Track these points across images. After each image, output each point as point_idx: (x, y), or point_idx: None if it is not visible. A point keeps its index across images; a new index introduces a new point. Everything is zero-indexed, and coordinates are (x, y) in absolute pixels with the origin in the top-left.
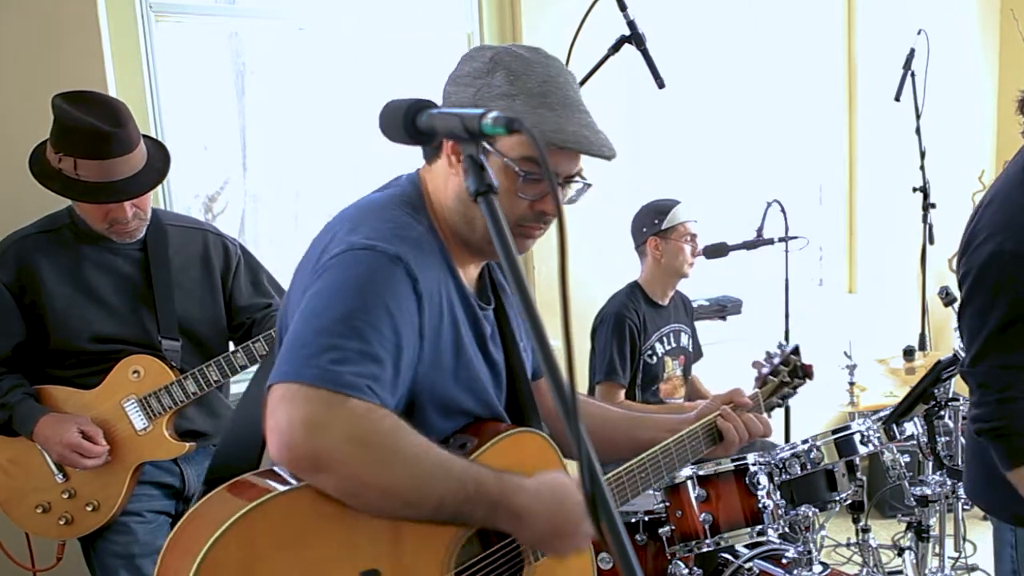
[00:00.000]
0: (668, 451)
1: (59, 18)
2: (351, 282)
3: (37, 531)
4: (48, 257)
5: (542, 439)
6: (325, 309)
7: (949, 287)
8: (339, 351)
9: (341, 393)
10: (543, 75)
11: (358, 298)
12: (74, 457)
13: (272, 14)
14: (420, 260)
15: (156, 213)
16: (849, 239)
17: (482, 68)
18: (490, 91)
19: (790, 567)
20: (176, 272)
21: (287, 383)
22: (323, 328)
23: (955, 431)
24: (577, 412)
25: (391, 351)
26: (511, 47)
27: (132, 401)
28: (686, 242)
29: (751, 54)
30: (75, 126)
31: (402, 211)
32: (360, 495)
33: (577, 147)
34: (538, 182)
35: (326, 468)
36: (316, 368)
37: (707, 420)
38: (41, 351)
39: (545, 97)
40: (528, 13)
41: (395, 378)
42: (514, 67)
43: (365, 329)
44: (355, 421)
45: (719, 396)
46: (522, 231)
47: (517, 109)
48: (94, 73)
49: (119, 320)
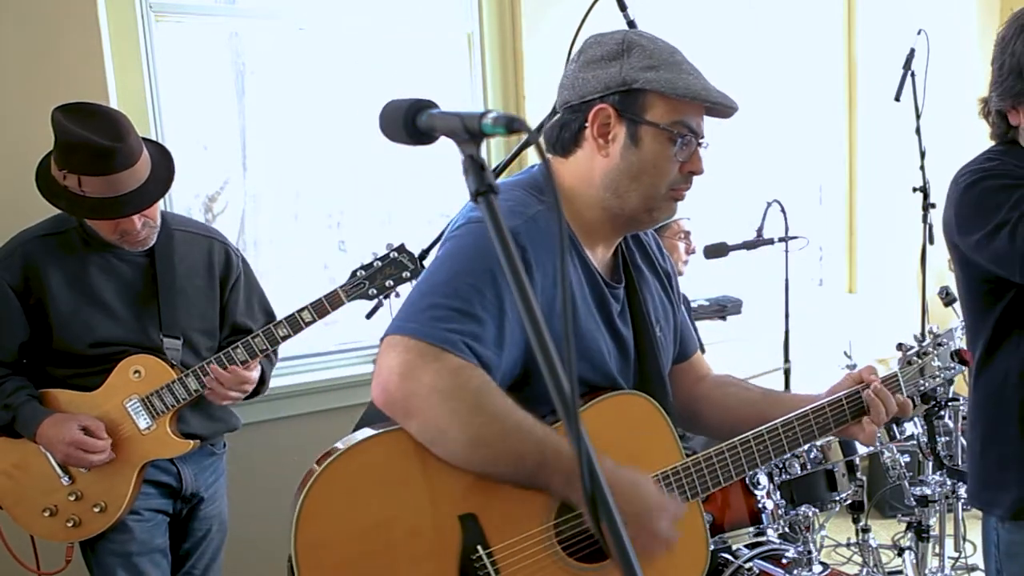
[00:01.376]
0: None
1: (59, 18)
2: (462, 251)
3: (45, 535)
4: (54, 261)
5: (650, 404)
6: (435, 274)
7: (949, 287)
8: (440, 309)
9: (437, 346)
10: (668, 49)
11: (465, 264)
12: (79, 454)
13: (272, 14)
14: (534, 231)
15: (164, 217)
16: (849, 239)
17: (616, 50)
18: (633, 66)
19: (790, 567)
20: (180, 278)
21: (393, 335)
22: (429, 290)
23: (955, 431)
24: (577, 412)
25: (493, 313)
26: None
27: (135, 400)
28: (679, 240)
29: (751, 54)
30: (77, 143)
31: (526, 192)
32: (439, 443)
33: (722, 100)
34: (689, 143)
35: (412, 413)
36: (417, 323)
37: (852, 391)
38: (43, 351)
39: (680, 65)
40: (528, 13)
41: (499, 337)
42: (643, 44)
43: (467, 291)
44: (444, 374)
45: (851, 375)
46: (672, 194)
47: (665, 77)
48: (94, 73)
49: (122, 325)
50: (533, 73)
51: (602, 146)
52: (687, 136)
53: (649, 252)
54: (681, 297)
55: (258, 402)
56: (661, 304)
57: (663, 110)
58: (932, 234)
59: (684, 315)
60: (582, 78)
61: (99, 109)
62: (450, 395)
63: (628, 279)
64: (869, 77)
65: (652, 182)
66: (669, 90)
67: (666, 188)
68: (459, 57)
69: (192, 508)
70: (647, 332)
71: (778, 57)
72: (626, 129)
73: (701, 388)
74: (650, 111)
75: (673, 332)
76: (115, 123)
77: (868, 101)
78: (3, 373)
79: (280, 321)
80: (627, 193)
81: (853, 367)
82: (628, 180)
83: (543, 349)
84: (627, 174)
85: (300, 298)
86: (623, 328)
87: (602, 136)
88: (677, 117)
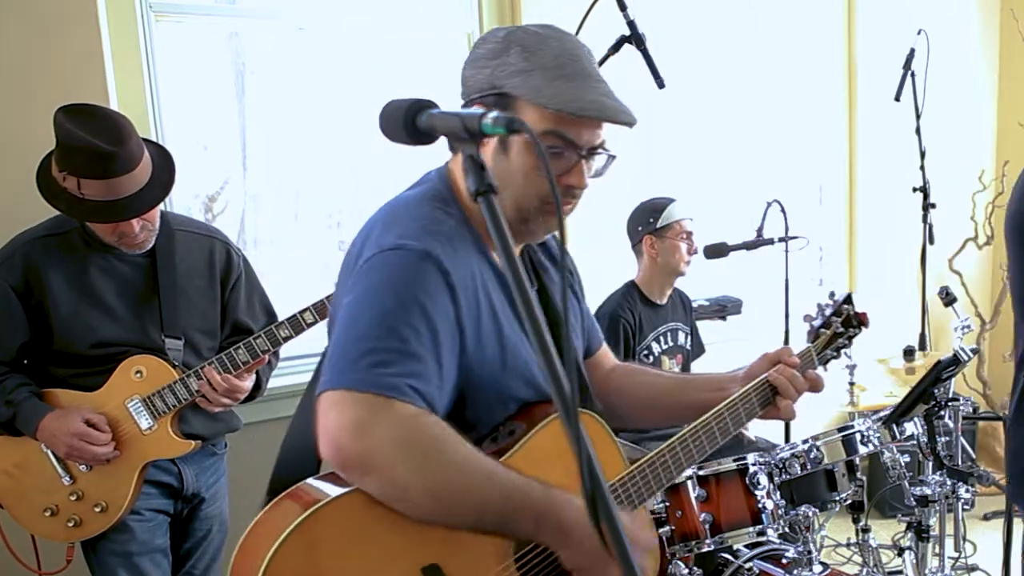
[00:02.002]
0: (722, 417)
1: (59, 18)
2: (383, 284)
3: (45, 534)
4: (55, 261)
5: (591, 418)
6: (361, 314)
7: (949, 287)
8: (378, 354)
9: (385, 396)
10: (557, 49)
11: (391, 298)
12: (82, 446)
13: (272, 14)
14: (451, 253)
15: (165, 217)
16: (849, 239)
17: (497, 48)
18: (505, 69)
19: (790, 567)
20: (182, 278)
21: (333, 390)
22: (361, 334)
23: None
24: (577, 412)
25: (430, 347)
26: (525, 25)
27: (136, 401)
28: (682, 240)
29: (751, 54)
30: (77, 146)
31: (432, 206)
32: (403, 499)
33: (597, 115)
34: (560, 156)
35: (372, 470)
36: (358, 373)
37: (759, 381)
38: (44, 351)
39: (561, 69)
40: (528, 13)
41: (439, 372)
42: (528, 43)
43: (401, 328)
44: (401, 424)
45: (768, 355)
46: (550, 208)
47: (534, 83)
48: (94, 73)
49: (123, 326)
50: None
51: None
52: (557, 148)
53: (550, 250)
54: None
55: (258, 402)
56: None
57: (534, 118)
58: (932, 234)
59: (587, 309)
60: (466, 75)
61: (101, 111)
62: (410, 448)
63: (538, 281)
64: (869, 77)
65: (522, 192)
66: (534, 99)
67: (539, 201)
68: (459, 57)
69: (193, 508)
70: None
71: (778, 57)
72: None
73: (612, 380)
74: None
75: (580, 328)
76: (116, 126)
77: (868, 101)
78: (3, 371)
79: (282, 322)
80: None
81: (853, 367)
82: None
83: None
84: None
85: (300, 298)
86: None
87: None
88: (549, 127)
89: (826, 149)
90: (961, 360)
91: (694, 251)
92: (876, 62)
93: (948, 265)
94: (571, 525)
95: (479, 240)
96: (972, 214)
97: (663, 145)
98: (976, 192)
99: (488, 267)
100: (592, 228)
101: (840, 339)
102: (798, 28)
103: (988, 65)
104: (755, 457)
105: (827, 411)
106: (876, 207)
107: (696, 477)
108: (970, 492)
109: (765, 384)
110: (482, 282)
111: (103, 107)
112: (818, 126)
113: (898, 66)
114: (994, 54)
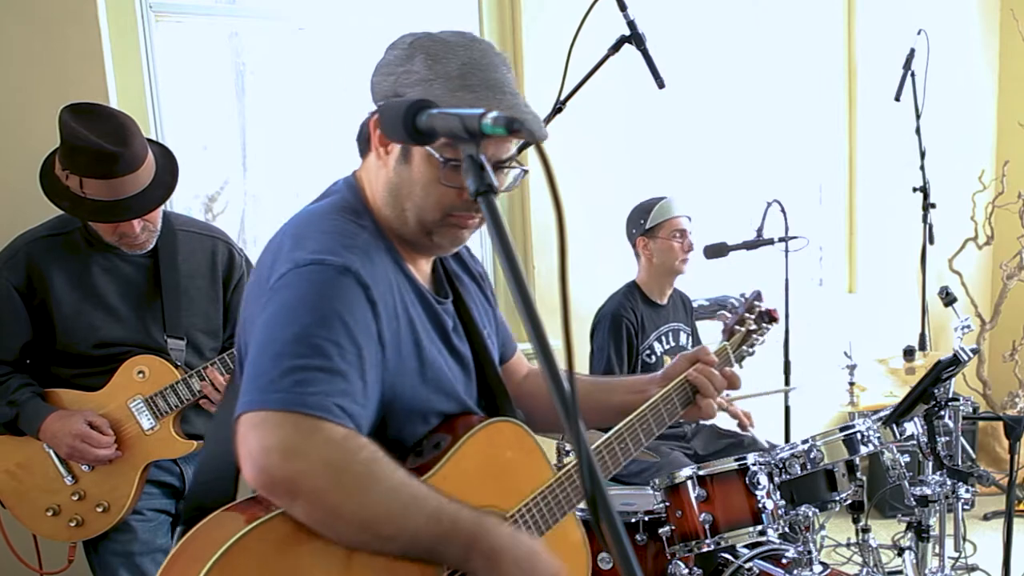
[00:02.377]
0: (644, 418)
1: (59, 18)
2: (302, 300)
3: (47, 534)
4: (58, 261)
5: (515, 426)
6: (280, 332)
7: (949, 287)
8: (301, 372)
9: (312, 416)
10: (464, 57)
11: (311, 314)
12: (84, 447)
13: (272, 14)
14: (369, 267)
15: (168, 217)
16: (849, 239)
17: (402, 55)
18: (408, 78)
19: (790, 567)
20: (184, 278)
21: (254, 412)
22: (281, 352)
23: (955, 431)
24: (577, 412)
25: (354, 363)
26: (435, 32)
27: (138, 401)
28: (675, 239)
29: (751, 54)
30: (81, 145)
31: (344, 218)
32: (332, 524)
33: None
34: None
35: (302, 494)
36: (281, 393)
37: (678, 381)
38: (47, 351)
39: (465, 80)
40: (528, 13)
41: (364, 388)
42: (433, 51)
43: (324, 345)
44: (332, 447)
45: (686, 355)
46: (454, 221)
47: (435, 93)
48: (94, 73)
49: (125, 326)
50: (533, 73)
51: (382, 156)
52: (458, 161)
53: (462, 256)
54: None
55: None
56: (483, 309)
57: None
58: (932, 234)
59: (500, 315)
60: (373, 81)
61: (107, 111)
62: (342, 472)
63: (453, 291)
64: (869, 77)
65: (423, 205)
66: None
67: (441, 214)
68: None
69: None
70: (482, 344)
71: (778, 57)
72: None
73: (528, 385)
74: None
75: (496, 336)
76: (121, 127)
77: (868, 101)
78: (6, 371)
79: None
80: (403, 212)
81: (853, 367)
82: (403, 197)
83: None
84: (400, 191)
85: None
86: (460, 345)
87: (383, 145)
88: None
89: (826, 149)
90: (961, 360)
91: (689, 248)
92: (876, 62)
93: (948, 265)
94: (501, 551)
95: (393, 251)
96: (972, 214)
97: (663, 145)
98: (976, 192)
99: (404, 278)
100: (592, 228)
101: (754, 335)
102: (798, 28)
103: (988, 65)
104: (755, 457)
105: (827, 411)
106: (876, 207)
107: (696, 477)
108: (970, 492)
109: (685, 383)
110: (399, 295)
111: (108, 107)
112: (818, 126)
113: (898, 66)
114: (994, 54)
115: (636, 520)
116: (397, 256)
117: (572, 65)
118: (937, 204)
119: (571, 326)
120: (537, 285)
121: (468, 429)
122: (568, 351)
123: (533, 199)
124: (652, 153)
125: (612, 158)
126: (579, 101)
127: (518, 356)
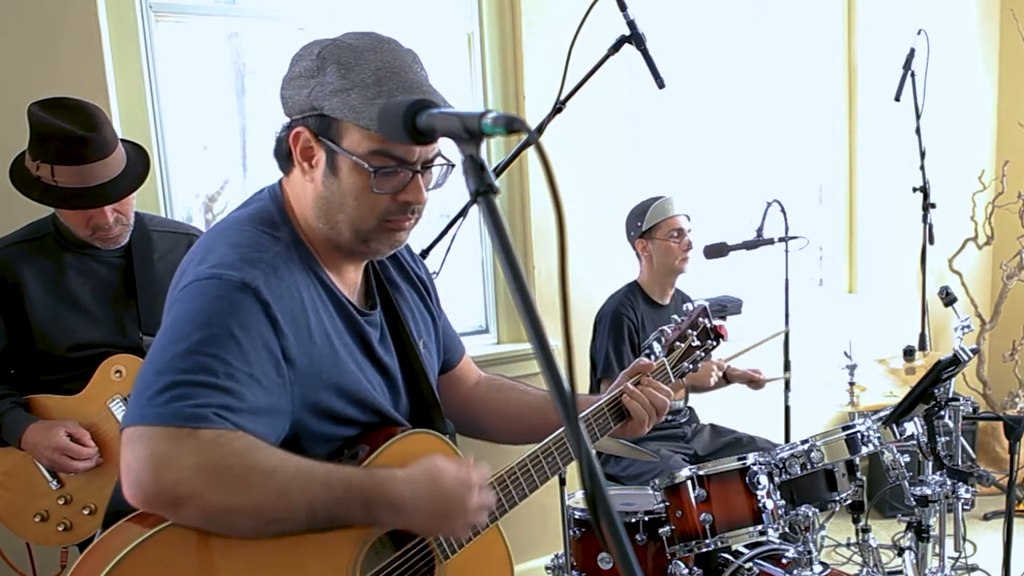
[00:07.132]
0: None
1: (59, 18)
2: (195, 315)
3: (37, 540)
4: (31, 266)
5: (436, 438)
6: (171, 346)
7: (949, 287)
8: (182, 388)
9: (186, 427)
10: (376, 63)
11: (202, 331)
12: (64, 460)
13: (272, 14)
14: (274, 282)
15: (142, 219)
16: (849, 239)
17: (311, 66)
18: (323, 89)
19: (790, 567)
20: (160, 277)
21: (133, 427)
22: (167, 367)
23: (955, 431)
24: (576, 412)
25: (242, 380)
26: (340, 38)
27: (117, 400)
28: (672, 239)
29: (751, 54)
30: (50, 132)
31: (257, 230)
32: (224, 521)
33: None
34: (393, 174)
35: (182, 502)
36: (158, 407)
37: (612, 396)
38: (27, 357)
39: (380, 86)
40: (528, 13)
41: (254, 406)
42: (344, 59)
43: (209, 362)
44: (204, 449)
45: (626, 371)
46: (390, 225)
47: (353, 103)
48: (94, 73)
49: (100, 326)
50: (533, 73)
51: (307, 170)
52: (388, 168)
53: (403, 262)
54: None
55: None
56: (421, 317)
57: (358, 138)
58: (932, 234)
59: (446, 321)
60: (285, 95)
61: (74, 102)
62: (217, 470)
63: (384, 299)
64: (869, 77)
65: (356, 215)
66: (355, 120)
67: (377, 220)
68: (459, 57)
69: None
70: (413, 354)
71: (778, 57)
72: (325, 155)
73: (477, 393)
74: (345, 139)
75: (436, 343)
76: (89, 114)
77: (868, 101)
78: None
79: None
80: (337, 224)
81: (853, 367)
82: (334, 210)
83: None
84: (332, 203)
85: None
86: (385, 356)
87: (306, 160)
88: (375, 146)
89: (826, 149)
90: (961, 360)
91: (688, 247)
92: (876, 62)
93: (948, 265)
94: (400, 498)
95: (310, 259)
96: (972, 214)
97: (663, 145)
98: (976, 192)
99: (322, 290)
100: (592, 228)
101: (696, 352)
102: (798, 28)
103: (988, 65)
104: (755, 457)
105: (827, 411)
106: (876, 207)
107: (696, 477)
108: (970, 492)
109: (618, 401)
110: (312, 306)
111: (77, 99)
112: (818, 126)
113: (898, 66)
114: (994, 54)
115: (636, 520)
116: (317, 268)
117: (572, 65)
118: (937, 204)
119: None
120: (537, 285)
121: (388, 440)
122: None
123: (533, 199)
124: (652, 153)
125: (612, 158)
126: (579, 101)
127: (466, 362)
